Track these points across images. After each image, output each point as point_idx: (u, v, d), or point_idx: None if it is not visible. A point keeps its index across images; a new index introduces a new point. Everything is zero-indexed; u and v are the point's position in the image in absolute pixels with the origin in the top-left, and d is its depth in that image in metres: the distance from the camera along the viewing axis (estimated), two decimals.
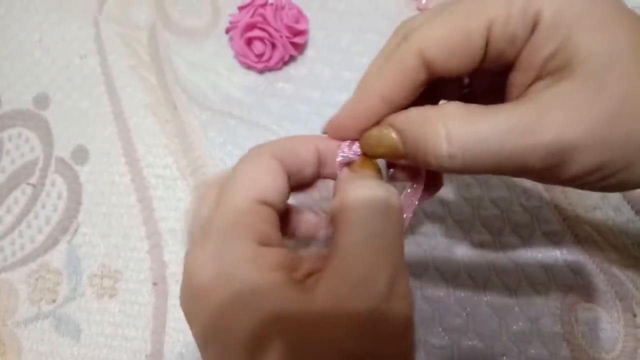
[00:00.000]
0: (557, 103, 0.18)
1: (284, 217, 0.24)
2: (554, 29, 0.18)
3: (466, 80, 0.25)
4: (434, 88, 0.22)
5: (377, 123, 0.22)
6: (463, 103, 0.19)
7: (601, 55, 0.17)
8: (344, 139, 0.23)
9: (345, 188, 0.21)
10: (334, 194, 0.22)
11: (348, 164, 0.23)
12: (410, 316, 0.18)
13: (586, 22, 0.18)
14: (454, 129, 0.18)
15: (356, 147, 0.22)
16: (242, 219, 0.19)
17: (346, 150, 0.23)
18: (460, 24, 0.19)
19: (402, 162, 0.21)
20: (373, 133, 0.21)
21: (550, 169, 0.18)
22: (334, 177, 0.23)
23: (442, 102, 0.23)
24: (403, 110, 0.21)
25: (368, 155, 0.22)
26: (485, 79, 0.23)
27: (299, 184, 0.23)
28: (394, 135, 0.21)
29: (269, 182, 0.20)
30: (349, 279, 0.18)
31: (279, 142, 0.22)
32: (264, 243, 0.19)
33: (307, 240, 0.25)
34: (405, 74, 0.20)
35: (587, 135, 0.17)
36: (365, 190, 0.20)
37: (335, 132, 0.23)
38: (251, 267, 0.18)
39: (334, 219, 0.20)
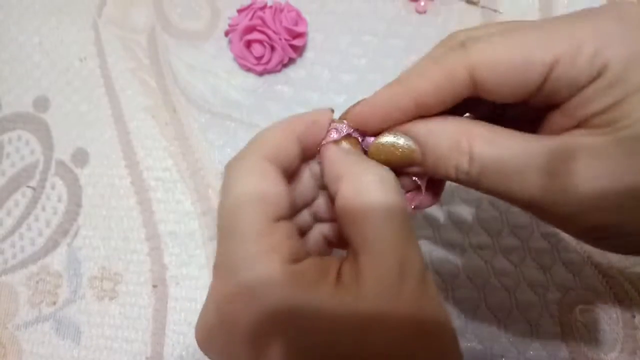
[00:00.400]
0: (589, 152, 0.17)
1: None
2: (616, 86, 0.17)
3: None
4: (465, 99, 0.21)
5: (389, 128, 0.21)
6: (490, 124, 0.19)
7: None
8: (358, 129, 0.21)
9: (352, 174, 0.19)
10: (328, 175, 0.21)
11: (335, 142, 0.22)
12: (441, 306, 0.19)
13: None
14: (477, 148, 0.18)
15: (346, 127, 0.21)
16: (259, 244, 0.18)
17: (335, 133, 0.21)
18: (525, 52, 0.18)
19: (411, 170, 0.21)
20: (390, 139, 0.21)
21: (562, 218, 0.18)
22: (311, 158, 0.22)
23: (466, 115, 0.23)
24: (421, 120, 0.20)
25: (374, 159, 0.21)
26: (521, 108, 0.21)
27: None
28: (413, 144, 0.20)
29: (278, 198, 0.19)
30: (391, 270, 0.17)
31: (265, 143, 0.20)
32: (294, 260, 0.18)
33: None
34: (450, 83, 0.19)
35: (607, 194, 0.17)
36: (377, 177, 0.19)
37: (355, 119, 0.21)
38: (294, 291, 0.17)
39: (346, 208, 0.19)
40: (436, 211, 0.37)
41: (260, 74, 0.42)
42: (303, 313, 0.17)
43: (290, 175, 0.21)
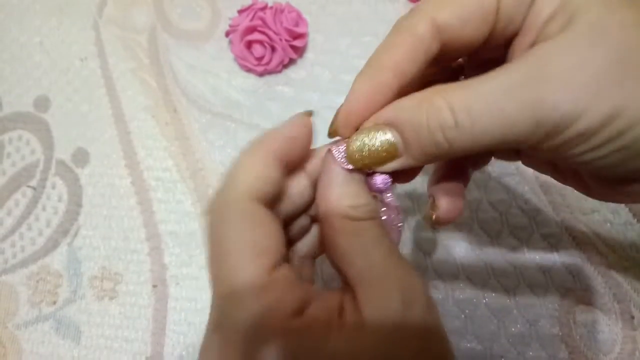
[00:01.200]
0: (559, 52, 0.17)
1: None
2: None
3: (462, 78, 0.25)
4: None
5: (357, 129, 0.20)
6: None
7: (600, 4, 0.17)
8: (354, 129, 0.20)
9: (336, 192, 0.19)
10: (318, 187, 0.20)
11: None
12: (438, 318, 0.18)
13: None
14: (454, 98, 0.17)
15: (343, 148, 0.20)
16: (268, 303, 0.17)
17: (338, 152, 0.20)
18: None
19: (396, 166, 0.19)
20: (358, 141, 0.19)
21: (560, 129, 0.17)
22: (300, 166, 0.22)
23: None
24: (387, 106, 0.19)
25: (356, 166, 0.19)
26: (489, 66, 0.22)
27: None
28: (388, 133, 0.19)
29: (270, 241, 0.18)
30: (394, 300, 0.17)
31: (246, 179, 0.19)
32: (299, 310, 0.17)
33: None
34: (417, 43, 0.19)
35: (593, 81, 0.16)
36: (366, 205, 0.19)
37: (346, 122, 0.20)
38: (303, 348, 0.16)
39: (331, 228, 0.19)
40: None
41: (261, 74, 0.43)
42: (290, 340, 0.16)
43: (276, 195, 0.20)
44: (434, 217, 0.23)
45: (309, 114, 0.21)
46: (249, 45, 0.41)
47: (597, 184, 0.21)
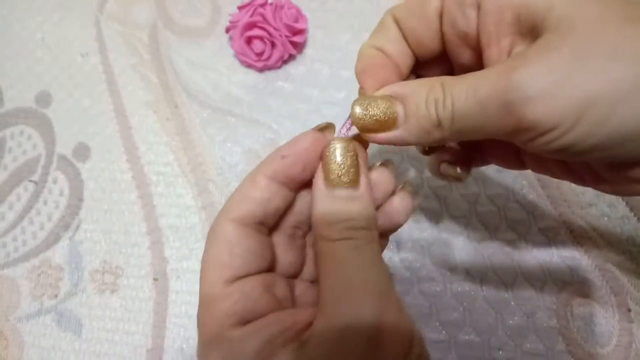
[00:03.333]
0: (530, 51, 0.19)
1: None
2: None
3: None
4: None
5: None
6: None
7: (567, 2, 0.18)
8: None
9: (318, 211, 0.20)
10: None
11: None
12: (405, 342, 0.18)
13: None
14: (448, 81, 0.20)
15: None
16: (214, 308, 0.19)
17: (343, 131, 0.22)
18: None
19: (391, 137, 0.21)
20: (364, 105, 0.21)
21: (528, 111, 0.18)
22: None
23: None
24: (397, 83, 0.22)
25: (359, 126, 0.22)
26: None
27: (279, 217, 0.22)
28: (392, 104, 0.21)
29: (231, 259, 0.20)
30: (335, 331, 0.18)
31: (230, 202, 0.21)
32: (246, 320, 0.19)
33: None
34: (386, 29, 0.24)
35: (559, 68, 0.18)
36: (338, 224, 0.20)
37: (366, 82, 0.23)
38: (238, 354, 0.18)
39: (313, 244, 0.21)
40: (434, 206, 0.37)
41: (261, 70, 0.43)
42: None
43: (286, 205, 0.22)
44: (457, 170, 0.26)
45: (324, 127, 0.22)
46: (249, 41, 0.42)
47: (610, 173, 0.22)
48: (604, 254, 0.35)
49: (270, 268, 0.22)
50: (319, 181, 0.21)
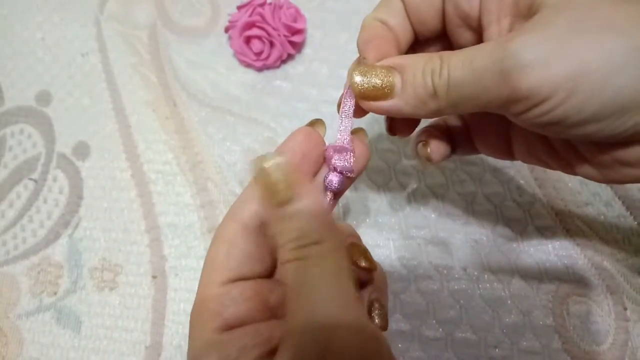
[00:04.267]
0: (527, 26, 0.19)
1: None
2: None
3: None
4: None
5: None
6: None
7: None
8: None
9: (271, 234, 0.19)
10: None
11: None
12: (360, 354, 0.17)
13: None
14: (446, 54, 0.21)
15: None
16: (204, 308, 0.20)
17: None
18: None
19: (387, 105, 0.22)
20: (364, 73, 0.22)
21: (523, 78, 0.19)
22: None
23: None
24: (397, 56, 0.23)
25: (357, 93, 0.22)
26: None
27: None
28: (391, 74, 0.22)
29: (226, 261, 0.20)
30: (290, 352, 0.17)
31: (234, 204, 0.22)
32: (227, 327, 0.19)
33: None
34: (391, 3, 0.24)
35: (554, 38, 0.18)
36: (287, 244, 0.18)
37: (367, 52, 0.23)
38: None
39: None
40: (431, 204, 0.38)
41: (260, 69, 0.43)
42: None
43: None
44: (428, 150, 0.25)
45: (314, 122, 0.23)
46: (248, 40, 0.42)
47: (598, 155, 0.22)
48: (600, 252, 0.36)
49: (270, 274, 0.22)
50: (267, 208, 0.19)
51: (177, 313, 0.36)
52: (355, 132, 0.24)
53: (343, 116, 0.23)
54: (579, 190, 0.37)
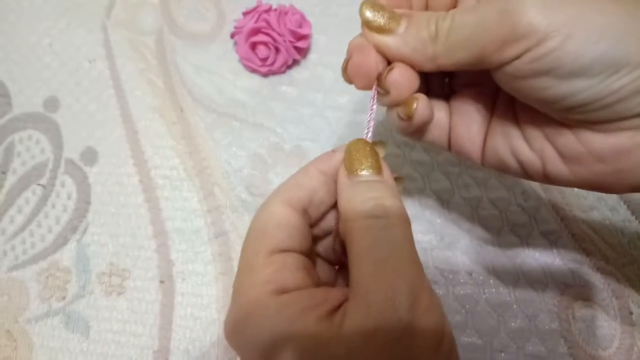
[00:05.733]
0: None
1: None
2: None
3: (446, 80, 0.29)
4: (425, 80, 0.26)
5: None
6: None
7: None
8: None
9: (343, 199, 0.21)
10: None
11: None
12: (439, 329, 0.19)
13: None
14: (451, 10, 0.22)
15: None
16: (254, 273, 0.20)
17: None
18: None
19: (389, 41, 0.23)
20: (374, 10, 0.24)
21: (514, 17, 0.20)
22: None
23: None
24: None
25: (368, 38, 0.24)
26: (466, 74, 0.27)
27: (321, 213, 0.24)
28: (399, 18, 0.23)
29: (277, 231, 0.21)
30: (370, 313, 0.18)
31: (283, 186, 0.23)
32: (283, 290, 0.20)
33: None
34: None
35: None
36: (364, 204, 0.20)
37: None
38: (275, 320, 0.19)
39: (342, 233, 0.21)
40: (437, 209, 0.38)
41: (265, 75, 0.43)
42: (290, 339, 0.18)
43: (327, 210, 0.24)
44: (413, 106, 0.25)
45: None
46: (253, 46, 0.42)
47: (569, 139, 0.22)
48: (605, 257, 0.36)
49: (309, 255, 0.23)
50: (341, 176, 0.22)
51: (185, 317, 0.36)
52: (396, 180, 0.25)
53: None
54: (584, 195, 0.37)
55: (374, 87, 0.24)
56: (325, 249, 0.25)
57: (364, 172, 0.22)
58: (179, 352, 0.35)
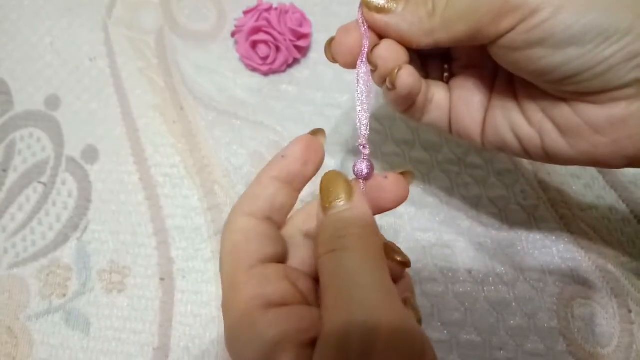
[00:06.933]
0: None
1: None
2: None
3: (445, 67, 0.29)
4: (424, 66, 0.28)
5: None
6: None
7: None
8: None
9: (316, 236, 0.21)
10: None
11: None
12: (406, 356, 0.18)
13: None
14: None
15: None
16: (238, 291, 0.20)
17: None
18: None
19: (388, 20, 0.24)
20: None
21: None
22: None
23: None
24: None
25: (364, 7, 0.25)
26: (464, 56, 0.28)
27: (285, 216, 0.24)
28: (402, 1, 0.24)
29: (248, 244, 0.21)
30: (324, 354, 0.18)
31: (240, 200, 0.23)
32: (269, 304, 0.20)
33: None
34: None
35: None
36: (326, 237, 0.20)
37: None
38: (263, 339, 0.19)
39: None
40: (436, 208, 0.38)
41: (266, 74, 0.43)
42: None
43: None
44: (395, 72, 0.25)
45: (315, 131, 0.24)
46: (254, 45, 0.42)
47: (565, 111, 0.23)
48: (604, 255, 0.36)
49: (286, 260, 0.23)
50: (318, 214, 0.22)
51: (185, 315, 0.36)
52: (404, 174, 0.25)
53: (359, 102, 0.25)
54: (583, 194, 0.38)
55: (358, 63, 0.25)
56: None
57: (334, 203, 0.21)
58: (179, 349, 0.35)
